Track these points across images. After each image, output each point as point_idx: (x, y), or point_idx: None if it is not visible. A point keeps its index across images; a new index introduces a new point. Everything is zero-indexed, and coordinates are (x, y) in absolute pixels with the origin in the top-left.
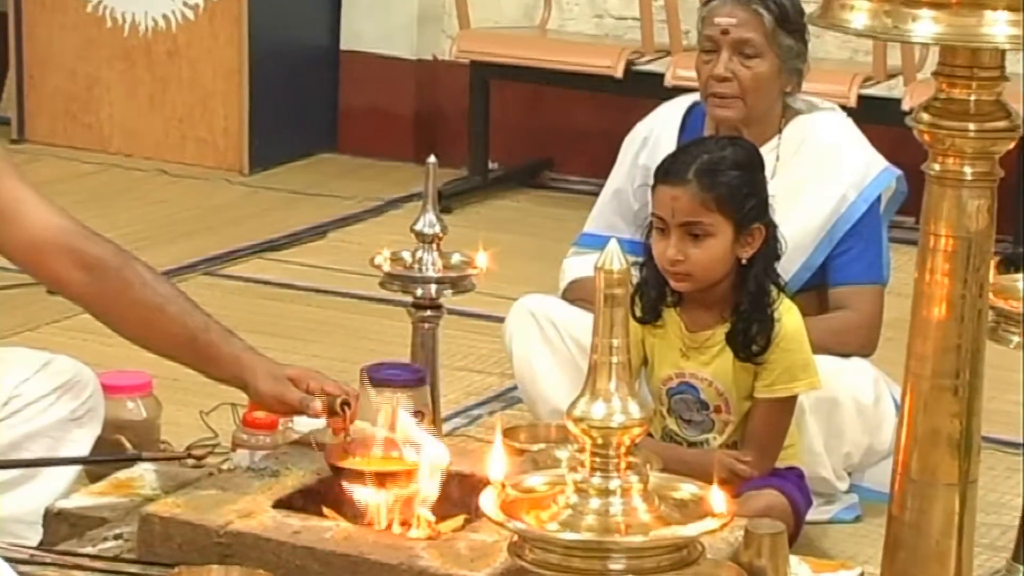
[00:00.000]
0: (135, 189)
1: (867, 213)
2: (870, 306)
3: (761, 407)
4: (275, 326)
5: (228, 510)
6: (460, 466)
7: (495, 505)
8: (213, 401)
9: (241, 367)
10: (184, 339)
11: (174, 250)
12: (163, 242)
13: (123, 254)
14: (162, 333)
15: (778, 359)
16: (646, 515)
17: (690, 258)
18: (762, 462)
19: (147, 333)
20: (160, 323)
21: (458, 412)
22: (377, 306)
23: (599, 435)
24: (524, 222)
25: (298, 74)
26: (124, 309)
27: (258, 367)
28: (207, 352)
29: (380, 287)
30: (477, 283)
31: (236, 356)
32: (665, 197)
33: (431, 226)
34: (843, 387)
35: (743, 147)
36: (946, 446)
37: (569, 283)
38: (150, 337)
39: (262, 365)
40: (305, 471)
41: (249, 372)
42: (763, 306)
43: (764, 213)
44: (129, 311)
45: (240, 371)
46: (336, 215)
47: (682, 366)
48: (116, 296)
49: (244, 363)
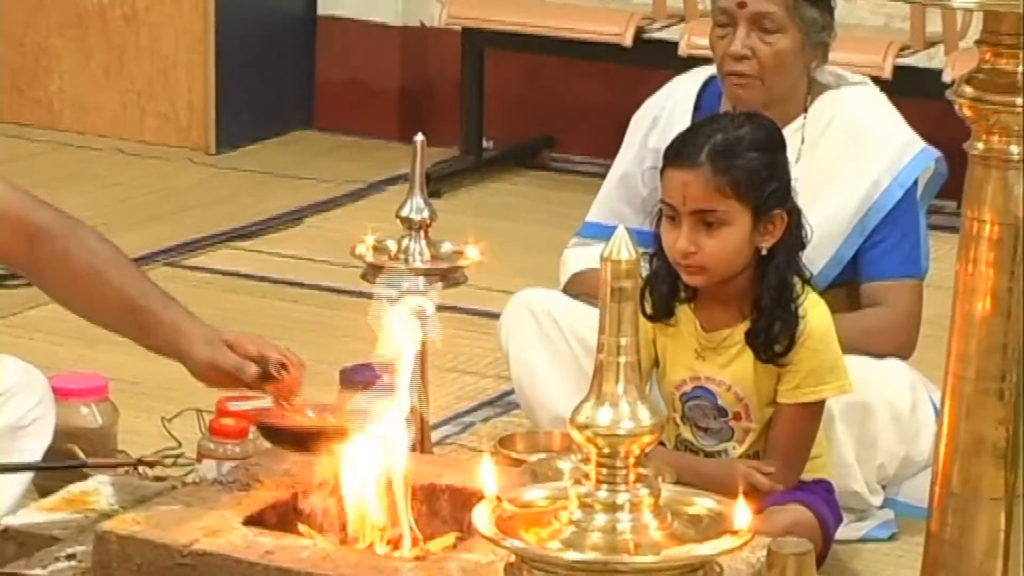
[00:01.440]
0: (88, 170)
1: (903, 199)
2: (907, 302)
3: (785, 413)
4: (245, 323)
5: (193, 527)
6: (451, 479)
7: (490, 522)
8: (176, 406)
9: (178, 335)
10: (121, 306)
11: (132, 238)
12: (119, 229)
13: (69, 222)
14: (99, 300)
15: (804, 360)
16: (657, 532)
17: (703, 249)
18: (786, 474)
19: (85, 301)
20: (97, 290)
21: (448, 419)
22: (358, 301)
23: (605, 444)
24: (522, 207)
25: (270, 42)
26: (63, 277)
27: (195, 334)
28: (145, 320)
29: (362, 279)
30: (469, 275)
31: (174, 324)
32: (675, 182)
33: (418, 212)
34: (877, 391)
35: (762, 125)
36: (990, 456)
37: (572, 276)
38: (89, 306)
39: (200, 332)
40: (279, 484)
41: (185, 340)
42: (786, 301)
43: (786, 198)
44: (68, 279)
45: (177, 339)
46: (313, 199)
47: (697, 369)
48: (57, 265)
49: (182, 331)
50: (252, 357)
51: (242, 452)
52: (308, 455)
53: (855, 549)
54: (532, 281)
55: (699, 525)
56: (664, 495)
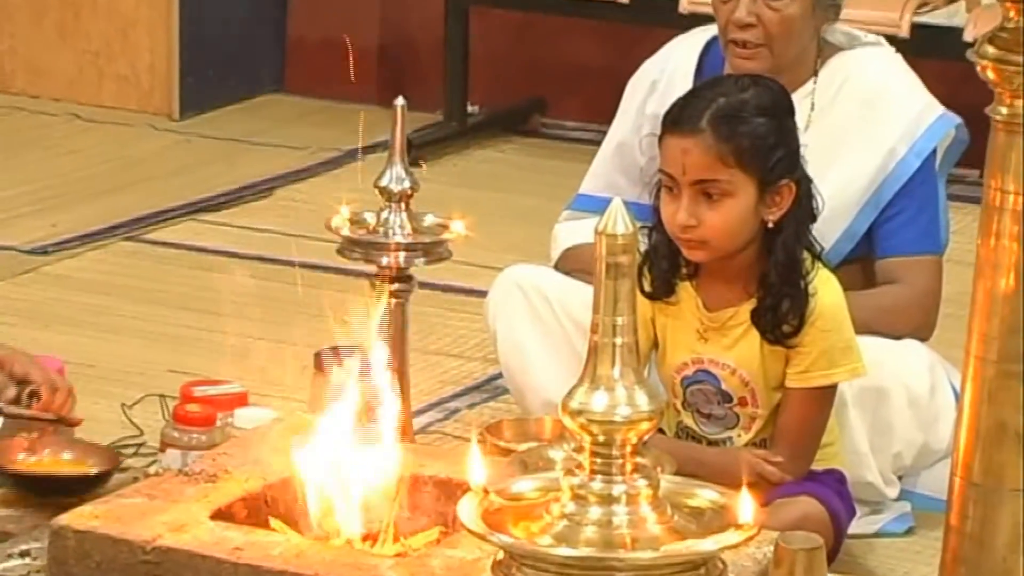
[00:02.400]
0: (43, 137)
1: (920, 169)
2: (925, 279)
3: (794, 399)
4: (211, 302)
5: (156, 522)
6: (435, 469)
7: (476, 515)
8: (137, 391)
9: None
10: None
11: (90, 211)
12: (76, 201)
13: None
14: None
15: (814, 341)
16: (656, 527)
17: (704, 222)
18: (796, 464)
19: None
20: None
21: (432, 405)
22: (334, 278)
23: (600, 431)
24: (510, 177)
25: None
26: None
27: None
28: None
29: (338, 255)
30: (454, 250)
31: None
32: (674, 150)
33: (399, 182)
34: (892, 374)
35: (768, 88)
36: (1014, 444)
37: (564, 251)
38: None
39: None
40: (249, 475)
41: None
42: (795, 278)
43: (794, 167)
44: None
45: None
46: (285, 168)
47: (699, 351)
48: None
49: None
50: (17, 378)
51: (209, 441)
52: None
53: (869, 544)
54: (522, 257)
55: (701, 519)
56: (663, 486)
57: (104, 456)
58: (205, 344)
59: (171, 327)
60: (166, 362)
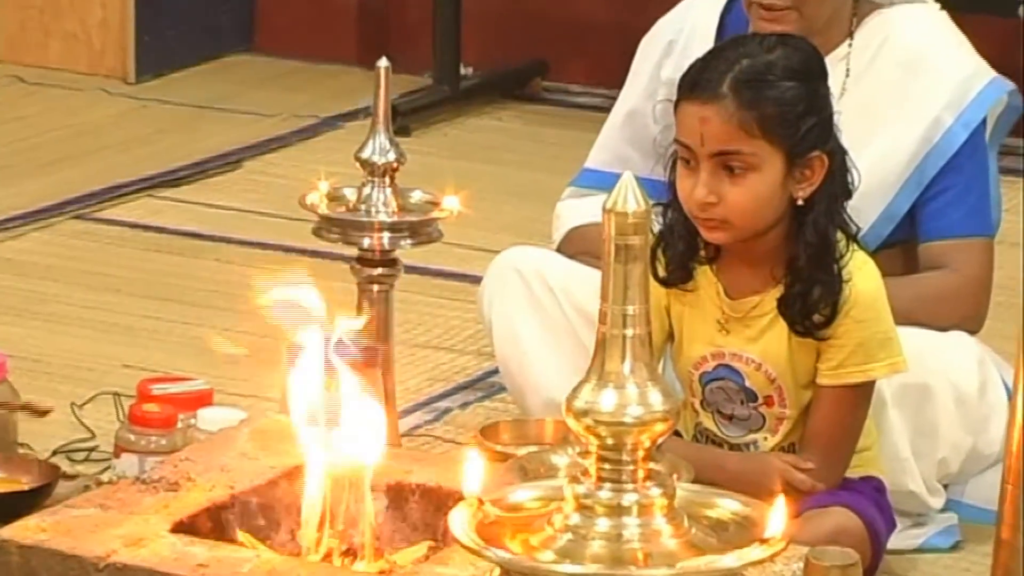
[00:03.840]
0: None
1: (969, 141)
2: (974, 264)
3: (827, 397)
4: (171, 288)
5: (111, 536)
6: (423, 476)
7: (470, 528)
8: (89, 389)
9: None
10: None
11: (34, 185)
12: (18, 175)
13: None
14: None
15: (849, 332)
16: (672, 540)
17: (726, 199)
18: (828, 471)
19: None
20: None
21: (420, 404)
22: (310, 261)
23: (609, 434)
24: (508, 148)
25: None
26: None
27: None
28: None
29: (314, 235)
30: (445, 231)
31: None
32: (692, 119)
33: (383, 153)
34: (937, 370)
35: (797, 47)
36: None
37: (568, 231)
38: None
39: None
40: (214, 483)
41: None
42: (827, 261)
43: (826, 136)
44: None
45: None
46: (254, 138)
47: (720, 343)
48: None
49: None
50: None
51: (169, 445)
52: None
53: (911, 560)
54: (521, 238)
55: (722, 532)
56: (680, 495)
57: (41, 470)
58: (164, 336)
59: (126, 317)
60: (121, 356)
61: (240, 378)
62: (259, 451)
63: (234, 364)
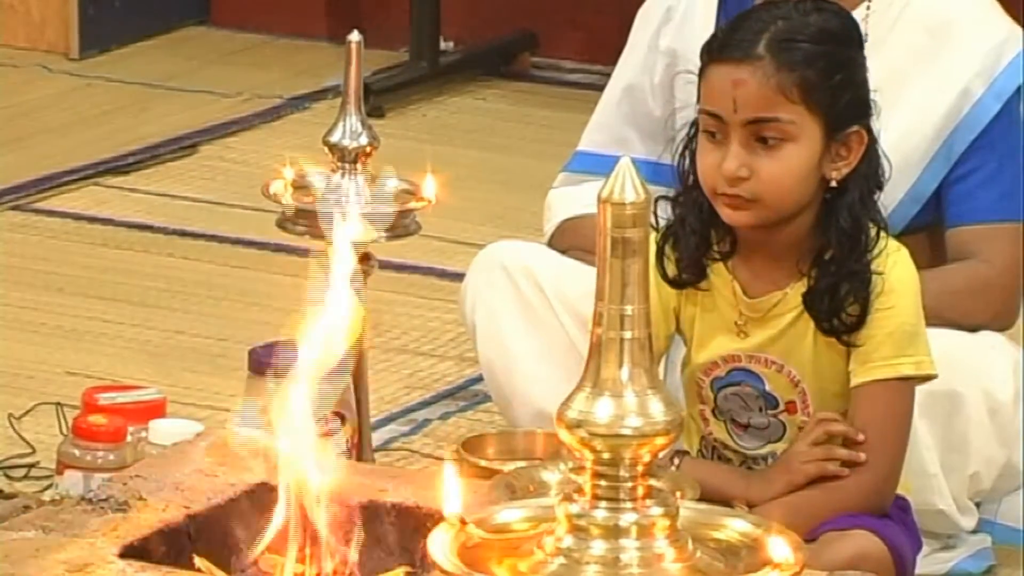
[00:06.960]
0: None
1: (1001, 115)
2: (1007, 254)
3: (861, 400)
4: (120, 287)
5: (53, 561)
6: (399, 495)
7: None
8: (28, 399)
9: None
10: None
11: None
12: None
13: None
14: None
15: (877, 321)
16: (674, 565)
17: (759, 173)
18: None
19: None
20: None
21: (396, 415)
22: (273, 257)
23: (605, 447)
24: (493, 130)
25: None
26: None
27: None
28: None
29: (278, 228)
30: (423, 222)
31: None
32: (723, 82)
33: (354, 136)
34: (968, 375)
35: (835, 13)
36: None
37: (560, 223)
38: None
39: None
40: (167, 502)
41: None
42: (859, 252)
43: (866, 111)
44: None
45: None
46: (211, 120)
47: (737, 347)
48: None
49: None
50: None
51: (118, 460)
52: None
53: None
54: (507, 231)
55: (730, 555)
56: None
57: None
58: (112, 340)
59: (70, 319)
60: (64, 362)
61: (196, 387)
62: (217, 467)
63: (189, 371)
